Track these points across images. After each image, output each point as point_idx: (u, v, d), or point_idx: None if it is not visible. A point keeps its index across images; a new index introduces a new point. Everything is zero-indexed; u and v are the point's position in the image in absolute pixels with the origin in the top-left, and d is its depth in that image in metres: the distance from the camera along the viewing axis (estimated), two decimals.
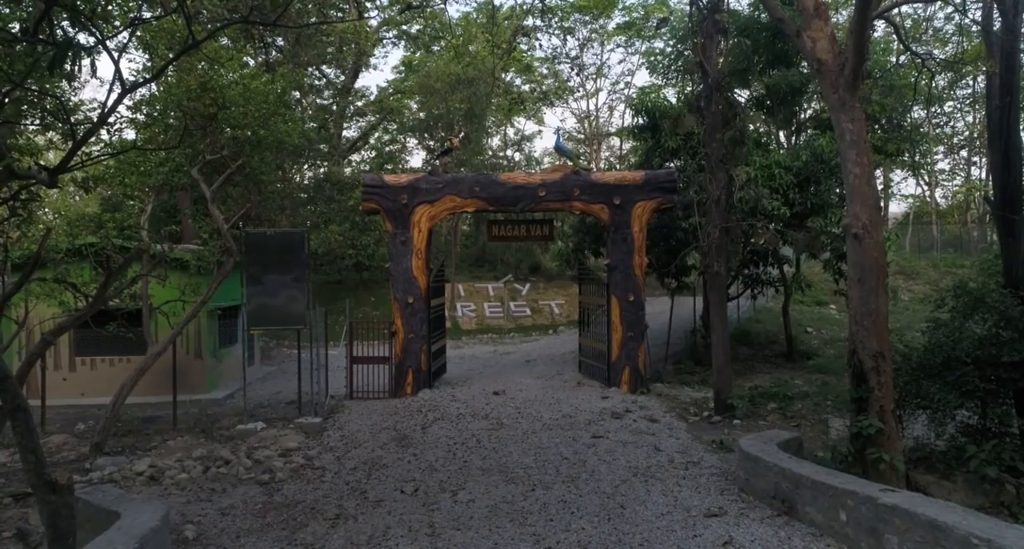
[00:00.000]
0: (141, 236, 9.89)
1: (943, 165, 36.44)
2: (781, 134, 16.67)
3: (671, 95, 16.36)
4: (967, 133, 34.17)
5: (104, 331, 9.97)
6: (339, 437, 9.50)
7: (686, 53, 14.55)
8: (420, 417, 10.46)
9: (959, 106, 29.79)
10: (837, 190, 13.79)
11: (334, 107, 30.59)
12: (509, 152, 30.83)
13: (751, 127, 13.21)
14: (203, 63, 10.36)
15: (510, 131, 33.48)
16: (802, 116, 16.77)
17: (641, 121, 14.53)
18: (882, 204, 15.69)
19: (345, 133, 32.08)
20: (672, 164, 14.60)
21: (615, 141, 36.32)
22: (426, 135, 26.49)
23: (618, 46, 31.12)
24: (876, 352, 6.73)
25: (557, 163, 13.48)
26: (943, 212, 37.53)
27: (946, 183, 37.52)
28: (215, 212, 10.00)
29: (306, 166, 30.66)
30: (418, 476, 7.54)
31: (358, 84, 31.99)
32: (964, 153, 36.35)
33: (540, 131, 60.56)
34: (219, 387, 13.65)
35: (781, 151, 15.09)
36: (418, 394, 12.02)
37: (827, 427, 9.77)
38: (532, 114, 31.75)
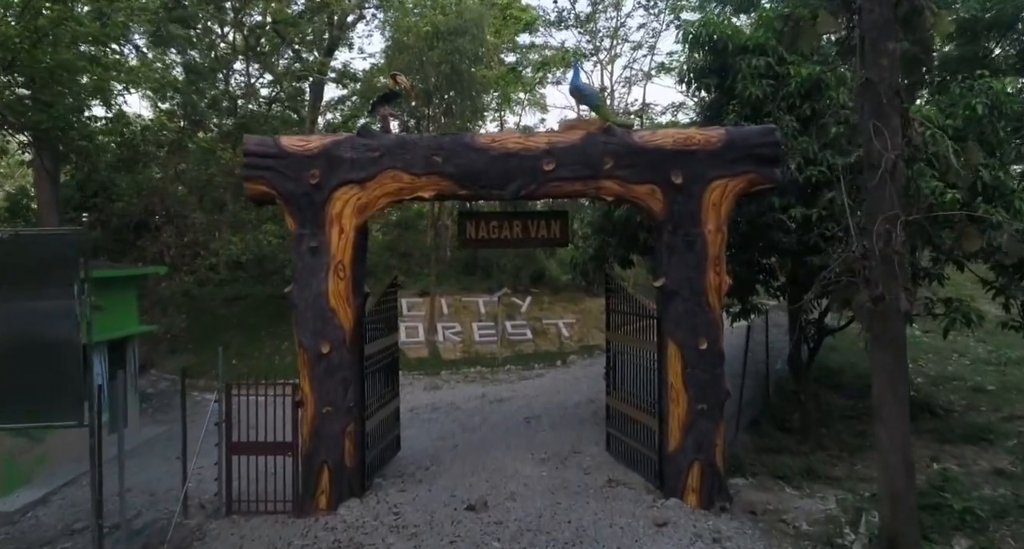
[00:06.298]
0: None
1: None
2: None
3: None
4: None
5: None
6: None
7: None
8: None
9: None
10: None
11: (306, 87, 25.88)
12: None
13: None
14: None
15: (510, 119, 28.40)
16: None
17: (700, 60, 9.31)
18: None
19: (328, 119, 27.58)
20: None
21: (634, 127, 31.19)
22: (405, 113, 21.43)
23: (639, 5, 26.02)
24: None
25: (574, 118, 8.40)
26: None
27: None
28: None
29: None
30: None
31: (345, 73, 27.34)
32: None
33: (543, 120, 55.39)
34: (34, 483, 8.58)
35: (925, 102, 10.02)
36: (338, 510, 6.99)
37: None
38: (531, 89, 26.52)
